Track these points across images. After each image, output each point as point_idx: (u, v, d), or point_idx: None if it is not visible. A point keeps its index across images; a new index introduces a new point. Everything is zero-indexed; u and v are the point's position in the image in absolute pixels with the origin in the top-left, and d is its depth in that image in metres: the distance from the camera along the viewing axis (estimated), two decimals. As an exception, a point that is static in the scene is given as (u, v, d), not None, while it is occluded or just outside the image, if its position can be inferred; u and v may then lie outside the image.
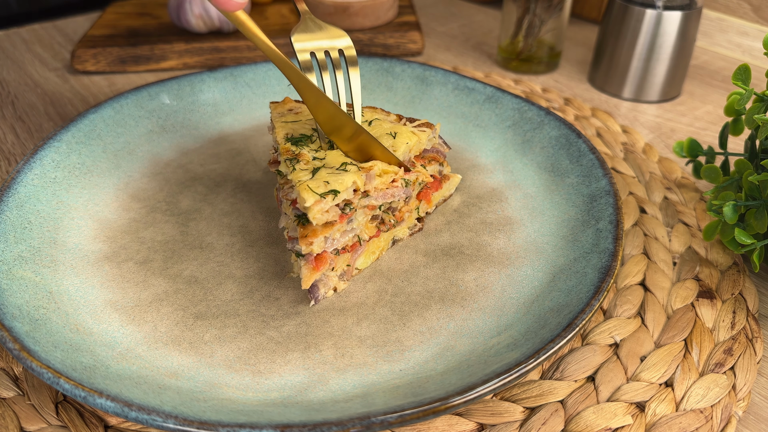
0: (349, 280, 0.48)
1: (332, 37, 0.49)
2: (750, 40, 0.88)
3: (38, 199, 0.51)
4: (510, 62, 0.84)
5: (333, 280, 0.46)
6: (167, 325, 0.44)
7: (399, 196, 0.48)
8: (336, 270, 0.46)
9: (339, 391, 0.39)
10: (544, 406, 0.40)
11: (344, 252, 0.46)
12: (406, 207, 0.51)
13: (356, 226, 0.46)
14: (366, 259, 0.49)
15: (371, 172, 0.45)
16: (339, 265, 0.46)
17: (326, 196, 0.42)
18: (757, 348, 0.43)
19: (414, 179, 0.49)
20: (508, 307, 0.45)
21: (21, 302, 0.41)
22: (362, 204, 0.45)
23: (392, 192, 0.47)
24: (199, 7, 0.81)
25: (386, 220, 0.49)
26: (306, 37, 0.48)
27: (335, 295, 0.47)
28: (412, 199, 0.51)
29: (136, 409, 0.33)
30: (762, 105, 0.47)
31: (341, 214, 0.44)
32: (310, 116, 0.52)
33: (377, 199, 0.46)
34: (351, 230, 0.46)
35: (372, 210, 0.47)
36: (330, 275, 0.46)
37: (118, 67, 0.82)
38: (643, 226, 0.55)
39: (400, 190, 0.48)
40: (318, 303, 0.46)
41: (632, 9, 0.72)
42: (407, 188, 0.48)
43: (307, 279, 0.44)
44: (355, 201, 0.44)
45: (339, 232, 0.45)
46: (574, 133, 0.57)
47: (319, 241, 0.43)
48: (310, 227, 0.43)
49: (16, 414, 0.39)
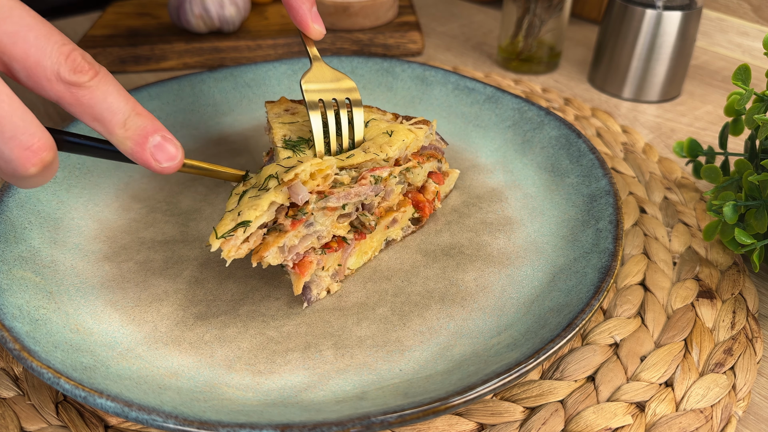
0: (342, 280, 0.48)
1: (340, 84, 0.50)
2: (750, 40, 0.88)
3: (38, 199, 0.51)
4: (510, 62, 0.84)
5: (325, 281, 0.46)
6: (167, 325, 0.44)
7: (366, 194, 0.46)
8: (327, 270, 0.46)
9: (339, 391, 0.39)
10: (544, 406, 0.40)
11: (331, 251, 0.45)
12: (386, 203, 0.49)
13: (320, 228, 0.44)
14: (358, 259, 0.49)
15: (296, 184, 0.41)
16: (329, 265, 0.46)
17: (234, 232, 0.40)
18: (757, 348, 0.43)
19: (386, 176, 0.47)
20: (508, 307, 0.45)
21: (21, 302, 0.41)
22: (320, 206, 0.43)
23: (356, 191, 0.45)
24: (199, 7, 0.81)
25: (365, 221, 0.47)
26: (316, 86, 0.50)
27: (335, 295, 0.47)
28: (394, 194, 0.49)
29: (136, 409, 0.33)
30: (762, 105, 0.47)
31: (293, 221, 0.42)
32: (306, 117, 0.52)
33: (337, 200, 0.44)
34: (314, 233, 0.44)
35: (334, 211, 0.44)
36: (322, 275, 0.45)
37: (118, 67, 0.83)
38: (643, 226, 0.55)
39: (367, 188, 0.46)
40: (311, 305, 0.46)
41: (632, 9, 0.72)
42: (376, 185, 0.46)
43: (297, 284, 0.44)
44: (311, 205, 0.43)
45: (297, 238, 0.43)
46: (574, 133, 0.57)
47: (273, 252, 0.41)
48: (264, 241, 0.41)
49: (16, 414, 0.39)
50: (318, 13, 0.49)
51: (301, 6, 0.48)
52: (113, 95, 0.35)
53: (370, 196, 0.46)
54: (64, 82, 0.33)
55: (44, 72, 0.33)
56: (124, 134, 0.36)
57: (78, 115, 0.35)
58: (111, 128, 0.35)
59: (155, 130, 0.37)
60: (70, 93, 0.34)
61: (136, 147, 0.36)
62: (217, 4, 0.82)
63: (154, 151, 0.37)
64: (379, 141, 0.48)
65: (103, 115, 0.35)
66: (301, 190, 0.41)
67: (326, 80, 0.50)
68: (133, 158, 0.37)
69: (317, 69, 0.51)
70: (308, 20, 0.49)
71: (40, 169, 0.33)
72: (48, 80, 0.33)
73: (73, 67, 0.33)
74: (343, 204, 0.45)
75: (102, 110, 0.35)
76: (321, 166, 0.42)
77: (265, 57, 0.85)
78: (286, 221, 0.42)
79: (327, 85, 0.50)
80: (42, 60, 0.33)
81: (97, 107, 0.35)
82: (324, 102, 0.49)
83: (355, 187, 0.45)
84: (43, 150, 0.33)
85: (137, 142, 0.36)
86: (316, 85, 0.50)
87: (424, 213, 0.52)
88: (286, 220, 0.42)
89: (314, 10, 0.49)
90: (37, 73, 0.33)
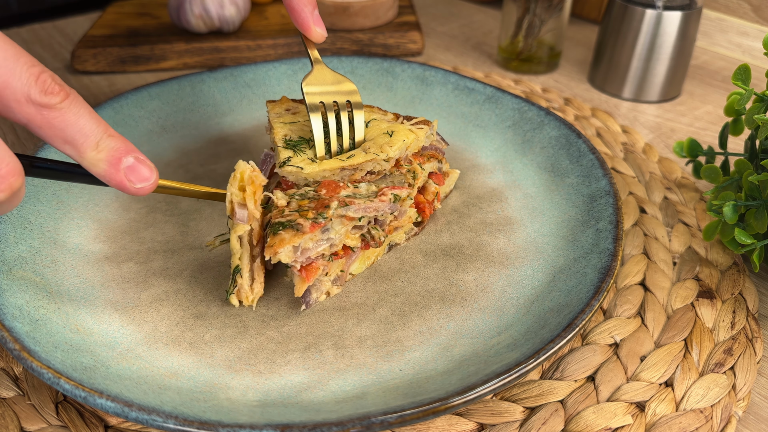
0: (343, 285, 0.47)
1: (341, 87, 0.50)
2: (750, 40, 0.88)
3: (38, 199, 0.51)
4: (510, 62, 0.84)
5: (326, 285, 0.46)
6: (167, 325, 0.44)
7: (384, 211, 0.46)
8: (329, 275, 0.46)
9: (339, 391, 0.39)
10: (544, 406, 0.40)
11: (337, 258, 0.45)
12: (396, 222, 0.49)
13: (333, 236, 0.44)
14: (361, 264, 0.48)
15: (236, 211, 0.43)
16: (332, 271, 0.46)
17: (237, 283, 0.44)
18: (757, 348, 0.43)
19: (404, 196, 0.47)
20: (508, 307, 0.45)
21: (21, 302, 0.41)
22: (339, 213, 0.44)
23: (375, 206, 0.45)
24: (199, 7, 0.81)
25: (376, 236, 0.47)
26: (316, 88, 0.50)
27: (335, 295, 0.47)
28: (406, 216, 0.49)
29: (136, 409, 0.33)
30: (762, 105, 0.47)
31: (312, 223, 0.42)
32: (307, 117, 0.52)
33: (356, 211, 0.44)
34: (327, 240, 0.44)
35: (351, 221, 0.45)
36: (323, 280, 0.45)
37: (118, 67, 0.83)
38: (643, 226, 0.55)
39: (386, 205, 0.46)
40: (309, 308, 0.45)
41: (632, 9, 0.72)
42: (394, 204, 0.46)
43: (300, 287, 0.44)
44: (331, 211, 0.43)
45: (312, 242, 0.43)
46: (574, 133, 0.57)
47: (287, 250, 0.42)
48: (279, 236, 0.42)
49: (16, 414, 0.39)
50: (320, 16, 0.49)
51: (303, 9, 0.48)
52: (85, 117, 0.34)
53: (386, 213, 0.46)
54: (35, 104, 0.32)
55: (13, 94, 0.32)
56: (96, 156, 0.35)
57: (48, 138, 0.34)
58: (83, 150, 0.35)
59: (128, 152, 0.36)
60: (40, 115, 0.33)
61: (109, 168, 0.35)
62: (217, 4, 0.82)
63: (127, 173, 0.36)
64: (380, 141, 0.48)
65: (74, 137, 0.34)
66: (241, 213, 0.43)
67: (327, 83, 0.50)
68: (106, 180, 0.36)
69: (318, 72, 0.51)
70: (310, 23, 0.49)
71: (8, 195, 0.32)
72: (17, 102, 0.32)
73: (44, 88, 0.33)
74: (360, 216, 0.45)
75: (74, 132, 0.34)
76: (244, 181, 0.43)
77: (265, 57, 0.85)
78: (306, 222, 0.42)
79: (328, 88, 0.50)
80: (11, 81, 0.32)
81: (69, 129, 0.34)
82: (325, 104, 0.49)
83: (375, 202, 0.45)
84: (11, 175, 0.32)
85: (111, 164, 0.35)
86: (317, 87, 0.50)
87: (425, 214, 0.52)
88: (306, 222, 0.42)
89: (316, 13, 0.49)
90: (5, 95, 0.32)
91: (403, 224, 0.50)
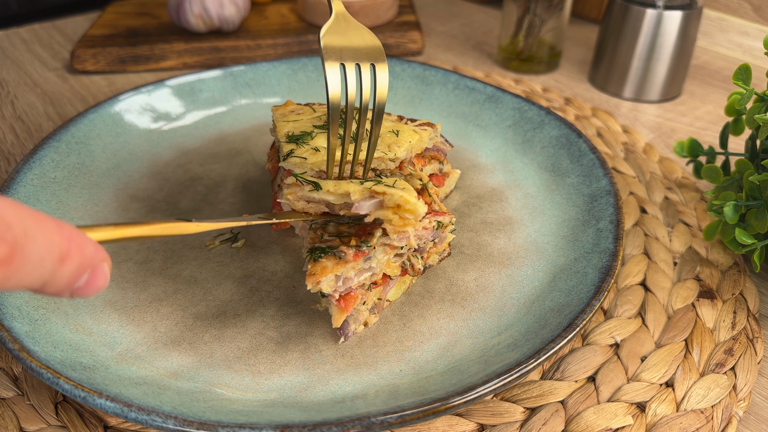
0: (380, 313, 0.45)
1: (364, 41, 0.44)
2: (750, 40, 0.88)
3: (38, 199, 0.51)
4: (510, 62, 0.84)
5: (364, 314, 0.43)
6: (167, 325, 0.44)
7: (426, 238, 0.45)
8: (367, 304, 0.44)
9: (339, 391, 0.39)
10: (544, 406, 0.40)
11: (375, 287, 0.44)
12: (435, 249, 0.47)
13: (375, 264, 0.42)
14: (397, 290, 0.46)
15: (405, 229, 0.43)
16: (370, 299, 0.44)
17: None
18: (757, 348, 0.43)
19: (447, 222, 0.46)
20: (508, 307, 0.45)
21: (21, 302, 0.41)
22: (382, 242, 0.42)
23: (419, 233, 0.44)
24: (198, 6, 0.81)
25: (415, 264, 0.45)
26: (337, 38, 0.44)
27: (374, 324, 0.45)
28: (444, 243, 0.47)
29: (136, 410, 0.33)
30: (762, 105, 0.47)
31: (356, 252, 0.41)
32: (311, 116, 0.52)
33: (400, 240, 0.43)
34: (369, 269, 0.42)
35: (393, 249, 0.43)
36: (361, 309, 0.43)
37: (117, 66, 0.82)
38: (644, 226, 0.55)
39: (429, 232, 0.45)
40: (347, 340, 0.43)
41: (633, 9, 0.72)
42: (437, 231, 0.45)
43: (338, 318, 0.42)
44: (374, 240, 0.42)
45: (354, 271, 0.41)
46: (574, 132, 0.57)
47: (329, 279, 0.40)
48: (320, 264, 0.40)
49: (15, 414, 0.39)
50: None
51: None
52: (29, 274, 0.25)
53: (428, 241, 0.45)
54: None
55: None
56: (55, 291, 0.27)
57: None
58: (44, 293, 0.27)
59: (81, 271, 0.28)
60: None
61: (64, 293, 0.28)
62: (216, 4, 0.82)
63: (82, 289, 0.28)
64: (387, 140, 0.48)
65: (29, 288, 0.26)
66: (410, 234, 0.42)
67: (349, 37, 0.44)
68: None
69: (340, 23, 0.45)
70: None
71: None
72: None
73: None
74: (403, 245, 0.43)
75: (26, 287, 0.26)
76: None
77: (265, 57, 0.85)
78: (349, 251, 0.41)
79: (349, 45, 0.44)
80: None
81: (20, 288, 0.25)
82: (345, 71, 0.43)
83: (419, 230, 0.44)
84: None
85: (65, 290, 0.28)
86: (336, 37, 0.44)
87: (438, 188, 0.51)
88: (350, 250, 0.41)
89: None
90: None
91: (440, 250, 0.48)
